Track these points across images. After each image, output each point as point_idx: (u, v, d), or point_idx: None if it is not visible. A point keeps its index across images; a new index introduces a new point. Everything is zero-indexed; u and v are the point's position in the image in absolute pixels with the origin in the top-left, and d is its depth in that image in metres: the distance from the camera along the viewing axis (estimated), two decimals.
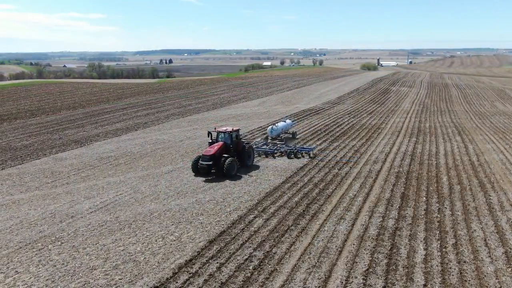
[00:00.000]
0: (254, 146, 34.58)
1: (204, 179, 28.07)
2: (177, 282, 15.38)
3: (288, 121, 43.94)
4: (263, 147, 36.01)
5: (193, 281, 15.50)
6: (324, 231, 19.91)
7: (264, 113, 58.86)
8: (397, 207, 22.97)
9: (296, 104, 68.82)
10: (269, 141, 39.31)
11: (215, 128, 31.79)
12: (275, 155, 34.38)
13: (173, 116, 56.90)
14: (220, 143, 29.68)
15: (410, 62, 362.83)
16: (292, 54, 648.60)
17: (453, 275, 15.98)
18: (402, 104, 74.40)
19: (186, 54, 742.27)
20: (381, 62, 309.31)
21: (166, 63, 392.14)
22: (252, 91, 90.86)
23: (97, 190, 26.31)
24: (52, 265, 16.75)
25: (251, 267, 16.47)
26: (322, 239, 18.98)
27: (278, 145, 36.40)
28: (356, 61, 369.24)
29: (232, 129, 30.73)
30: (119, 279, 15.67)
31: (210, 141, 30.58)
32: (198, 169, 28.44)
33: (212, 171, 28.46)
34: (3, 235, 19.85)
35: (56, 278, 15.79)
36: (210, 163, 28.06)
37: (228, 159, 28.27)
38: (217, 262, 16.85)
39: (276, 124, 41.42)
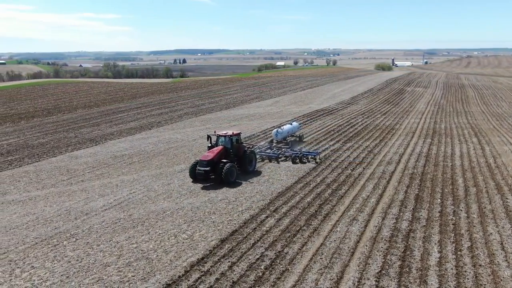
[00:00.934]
0: (258, 150, 33.28)
1: None
2: (189, 280, 15.47)
3: (294, 123, 42.10)
4: (267, 151, 34.49)
5: (204, 279, 15.57)
6: (336, 231, 19.78)
7: (277, 113, 58.78)
8: (411, 209, 22.68)
9: (309, 104, 68.54)
10: (274, 144, 37.50)
11: (214, 132, 30.34)
12: (280, 159, 32.82)
13: (186, 116, 57.26)
14: (220, 147, 28.27)
15: (426, 62, 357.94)
16: (306, 54, 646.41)
17: (468, 278, 15.71)
18: (417, 105, 73.45)
19: (199, 54, 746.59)
20: (395, 62, 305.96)
21: (180, 63, 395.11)
22: (265, 91, 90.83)
23: (111, 188, 26.64)
24: (67, 261, 17.03)
25: (262, 267, 16.46)
26: (334, 240, 18.86)
27: (283, 149, 34.86)
28: (370, 61, 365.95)
29: (233, 133, 29.28)
30: (132, 276, 15.84)
31: (210, 145, 29.28)
32: (195, 175, 27.10)
33: (211, 176, 26.95)
34: (19, 230, 20.26)
35: (70, 273, 16.05)
36: (208, 169, 26.53)
37: (227, 165, 26.67)
38: (229, 261, 16.89)
39: (282, 127, 39.58)
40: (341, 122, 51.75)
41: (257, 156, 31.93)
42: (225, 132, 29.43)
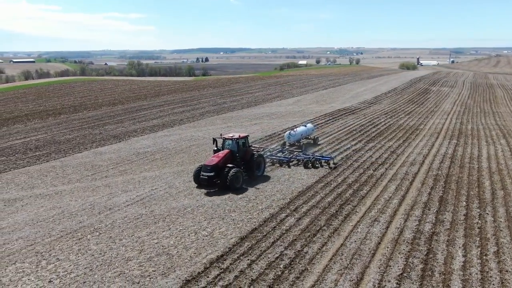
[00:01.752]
0: (268, 154, 32.07)
1: None
2: (208, 277, 15.60)
3: (309, 125, 39.92)
4: (278, 154, 32.86)
5: (224, 276, 15.66)
6: (357, 232, 19.54)
7: (299, 112, 58.49)
8: (435, 211, 22.17)
9: (331, 104, 67.91)
10: (286, 147, 35.55)
11: (221, 135, 28.98)
12: (291, 163, 31.13)
13: (208, 114, 57.70)
14: (226, 151, 26.75)
15: (452, 61, 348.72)
16: (328, 52, 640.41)
17: (493, 284, 15.24)
18: (442, 105, 71.67)
19: (222, 53, 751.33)
20: (420, 61, 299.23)
21: (202, 61, 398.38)
22: (287, 89, 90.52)
23: (134, 184, 27.14)
24: (91, 254, 17.46)
25: (282, 266, 16.43)
26: (355, 241, 18.64)
27: (295, 153, 33.09)
28: (394, 60, 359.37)
29: (239, 136, 27.76)
30: (153, 270, 16.10)
31: (215, 148, 27.93)
32: (200, 180, 25.69)
33: (217, 182, 25.51)
34: (46, 223, 20.90)
35: (93, 267, 16.45)
36: (212, 174, 25.13)
37: (232, 170, 25.21)
38: (248, 259, 16.93)
39: (295, 129, 37.27)
40: (364, 122, 51.04)
41: (267, 160, 30.75)
42: (231, 135, 28.07)
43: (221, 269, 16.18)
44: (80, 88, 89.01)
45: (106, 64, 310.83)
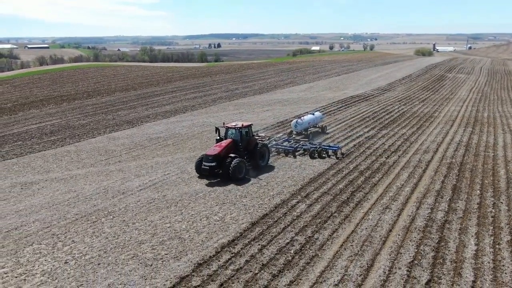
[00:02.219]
0: (274, 143, 31.07)
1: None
2: (219, 261, 15.81)
3: (317, 113, 38.61)
4: (284, 143, 31.80)
5: (235, 260, 15.86)
6: (368, 219, 19.51)
7: (311, 99, 58.06)
8: (448, 199, 21.96)
9: (344, 90, 67.19)
10: (292, 136, 34.41)
11: (223, 124, 28.08)
12: (297, 153, 30.28)
13: (220, 100, 57.69)
14: (228, 140, 26.07)
15: (470, 48, 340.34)
16: (342, 38, 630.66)
17: (506, 273, 15.12)
18: (458, 92, 70.30)
19: (234, 39, 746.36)
20: (437, 48, 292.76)
21: (214, 47, 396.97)
22: (300, 76, 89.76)
23: (147, 169, 27.46)
24: (105, 237, 17.83)
25: (292, 251, 16.56)
26: (366, 228, 18.63)
27: (301, 142, 32.08)
28: (409, 46, 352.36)
29: (242, 125, 26.76)
30: (165, 254, 16.38)
31: (218, 138, 27.11)
32: (201, 170, 25.13)
33: (219, 172, 24.91)
34: (61, 207, 21.36)
35: (108, 249, 16.81)
36: (214, 164, 24.48)
37: (234, 160, 24.51)
38: (259, 244, 17.09)
39: (302, 118, 36.13)
40: (377, 109, 50.45)
41: (273, 150, 30.09)
42: (234, 124, 27.13)
43: (232, 253, 16.38)
44: (93, 74, 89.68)
45: (119, 50, 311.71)
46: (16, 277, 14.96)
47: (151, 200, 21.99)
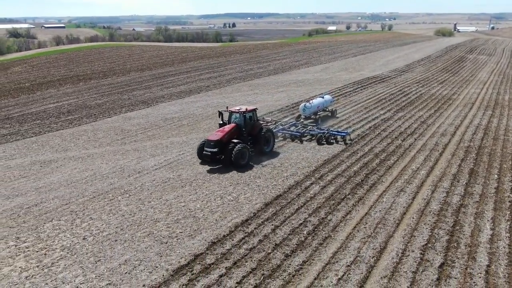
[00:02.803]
0: (280, 128, 30.19)
1: None
2: (233, 240, 16.05)
3: (327, 96, 36.86)
4: (291, 128, 30.65)
5: (248, 240, 16.08)
6: (382, 202, 19.45)
7: (326, 80, 57.33)
8: (464, 183, 21.67)
9: (361, 71, 66.05)
10: (300, 121, 33.19)
11: (227, 108, 27.03)
12: (304, 139, 29.21)
13: (235, 80, 57.44)
14: (232, 125, 25.04)
15: (492, 28, 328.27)
16: (359, 18, 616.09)
17: None
18: (478, 74, 68.38)
19: (249, 18, 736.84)
20: (458, 28, 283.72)
21: (229, 27, 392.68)
22: (315, 56, 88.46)
23: (162, 149, 27.75)
24: (121, 215, 18.24)
25: (305, 232, 16.67)
26: (380, 210, 18.58)
27: (308, 127, 30.84)
28: (429, 26, 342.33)
29: (246, 109, 25.58)
30: (180, 232, 16.70)
31: (221, 122, 26.16)
32: (203, 156, 24.26)
33: (221, 158, 24.11)
34: (79, 184, 21.86)
35: (124, 226, 17.22)
36: (215, 150, 23.61)
37: (237, 146, 23.55)
38: (272, 224, 17.25)
39: (311, 101, 34.42)
40: (394, 91, 49.56)
41: (279, 134, 29.46)
42: (238, 108, 25.92)
43: (245, 233, 16.59)
44: (109, 54, 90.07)
45: (133, 29, 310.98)
46: (37, 251, 15.49)
47: (166, 179, 22.30)
